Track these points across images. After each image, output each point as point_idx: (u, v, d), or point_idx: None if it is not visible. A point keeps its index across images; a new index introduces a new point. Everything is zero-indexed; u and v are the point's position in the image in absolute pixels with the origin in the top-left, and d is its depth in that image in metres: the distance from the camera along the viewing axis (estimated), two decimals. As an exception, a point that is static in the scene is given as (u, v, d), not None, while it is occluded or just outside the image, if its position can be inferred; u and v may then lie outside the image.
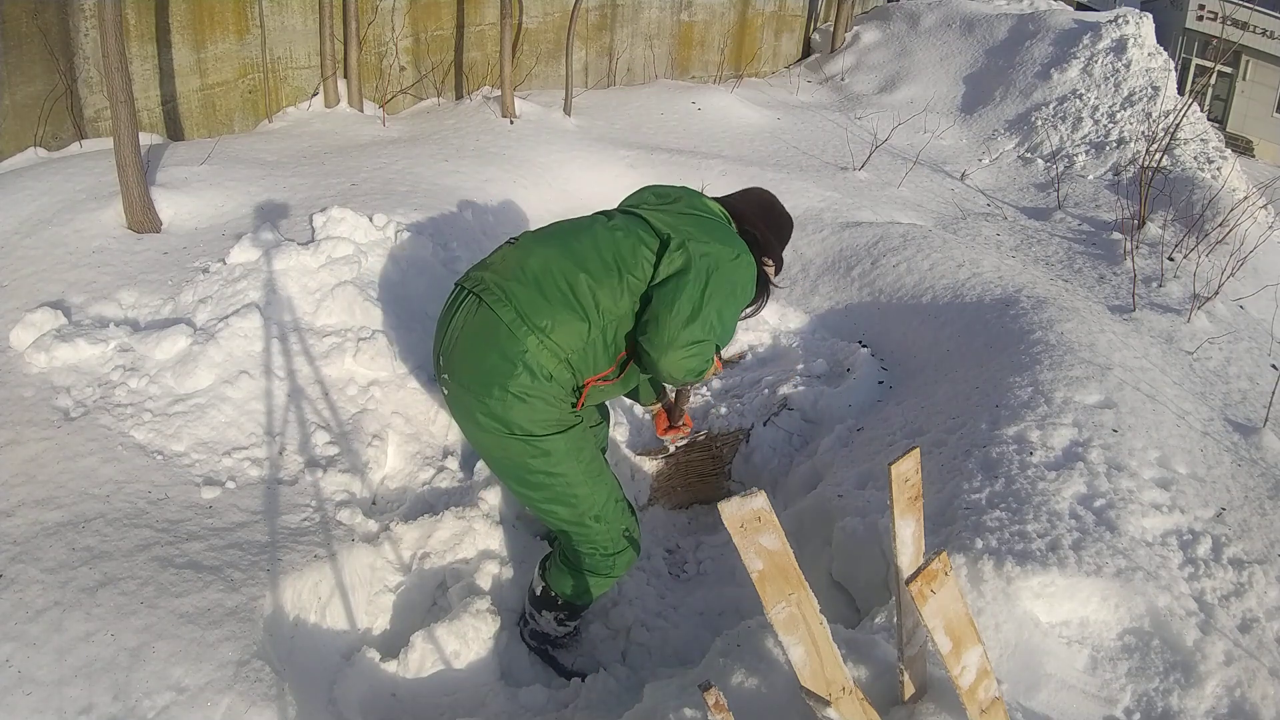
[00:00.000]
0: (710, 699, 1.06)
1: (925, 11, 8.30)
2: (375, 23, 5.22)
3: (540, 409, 1.83)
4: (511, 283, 1.84)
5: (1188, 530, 1.96)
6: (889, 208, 4.76)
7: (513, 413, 1.81)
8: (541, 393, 1.82)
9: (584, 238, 1.92)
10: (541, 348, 1.80)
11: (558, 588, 2.04)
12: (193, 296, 2.68)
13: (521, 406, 1.81)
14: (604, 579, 2.01)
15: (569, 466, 1.90)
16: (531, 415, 1.83)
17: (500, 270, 1.89)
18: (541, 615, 2.10)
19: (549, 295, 1.82)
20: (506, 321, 1.80)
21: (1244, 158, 11.51)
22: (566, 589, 2.02)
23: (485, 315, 1.83)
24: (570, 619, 2.11)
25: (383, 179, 3.77)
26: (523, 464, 1.88)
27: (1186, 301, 3.72)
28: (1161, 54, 6.78)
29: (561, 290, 1.82)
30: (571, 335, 1.82)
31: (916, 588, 1.19)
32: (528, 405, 1.82)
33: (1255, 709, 1.57)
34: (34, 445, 2.12)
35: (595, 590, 2.02)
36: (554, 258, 1.87)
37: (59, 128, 3.92)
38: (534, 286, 1.83)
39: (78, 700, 1.53)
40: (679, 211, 1.99)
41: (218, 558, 1.91)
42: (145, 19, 4.21)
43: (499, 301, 1.82)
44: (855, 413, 2.88)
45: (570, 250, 1.88)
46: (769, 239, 2.11)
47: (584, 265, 1.85)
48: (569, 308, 1.82)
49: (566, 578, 2.02)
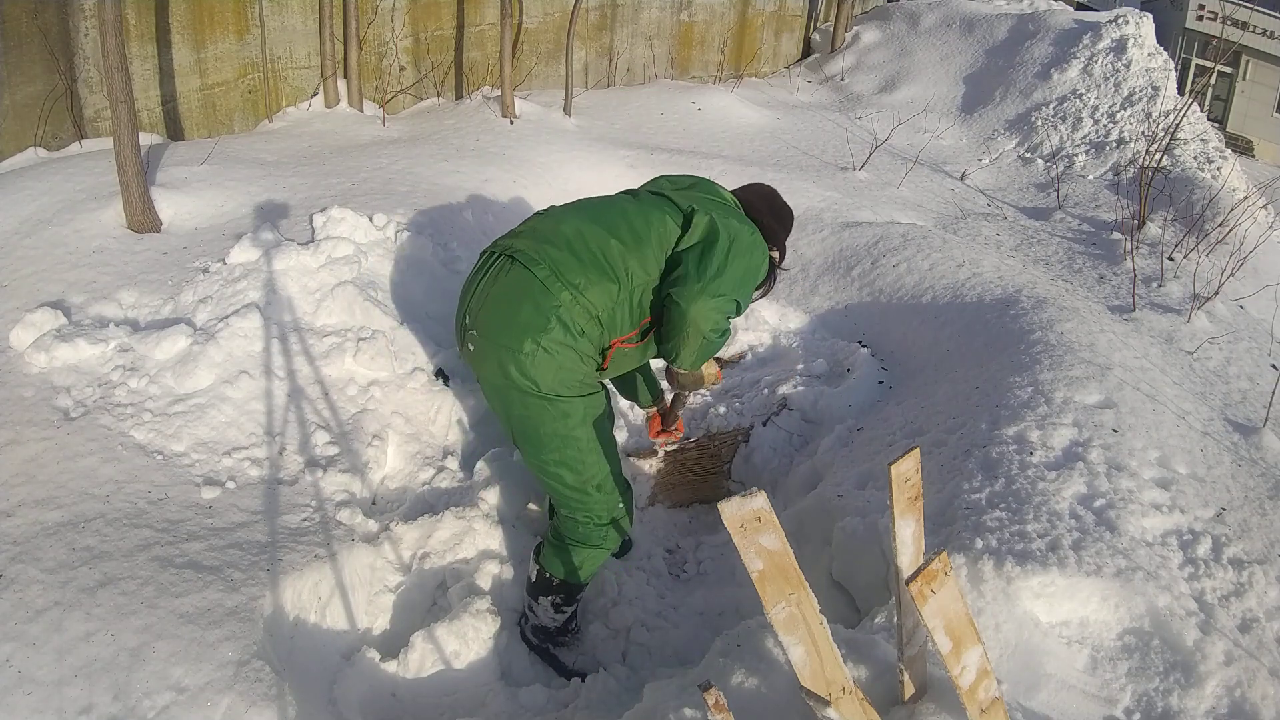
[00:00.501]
0: (710, 699, 1.06)
1: (925, 11, 8.30)
2: (375, 23, 5.22)
3: (569, 366, 1.92)
4: (545, 245, 1.95)
5: (1188, 530, 1.96)
6: (889, 208, 4.76)
7: (542, 369, 1.89)
8: (573, 347, 1.91)
9: (613, 210, 2.04)
10: (575, 303, 1.89)
11: (551, 568, 2.07)
12: (193, 296, 2.68)
13: (550, 362, 1.89)
14: (596, 551, 2.07)
15: (584, 432, 1.98)
16: (559, 373, 1.91)
17: (532, 236, 2.00)
18: (538, 603, 2.11)
19: (582, 257, 1.93)
20: (541, 278, 1.89)
21: (1244, 158, 11.52)
22: (560, 568, 2.06)
23: (519, 273, 1.93)
24: (566, 604, 2.11)
25: (383, 179, 3.77)
26: (541, 423, 1.96)
27: (1186, 301, 3.72)
28: (1161, 54, 6.78)
29: (594, 253, 1.93)
30: (603, 295, 1.92)
31: (916, 588, 1.19)
32: (556, 361, 1.90)
33: (1255, 709, 1.57)
34: (34, 445, 2.12)
35: (588, 565, 2.07)
36: (586, 224, 1.99)
37: (59, 128, 3.92)
38: (567, 249, 1.94)
39: (78, 700, 1.53)
40: (697, 194, 2.13)
41: (218, 558, 1.91)
42: (145, 19, 4.21)
43: (533, 261, 1.92)
44: (855, 413, 2.88)
45: (602, 218, 2.01)
46: (774, 228, 2.21)
47: (615, 232, 1.96)
48: (600, 270, 1.92)
49: (559, 555, 2.06)
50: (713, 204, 2.09)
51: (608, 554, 2.13)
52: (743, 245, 1.96)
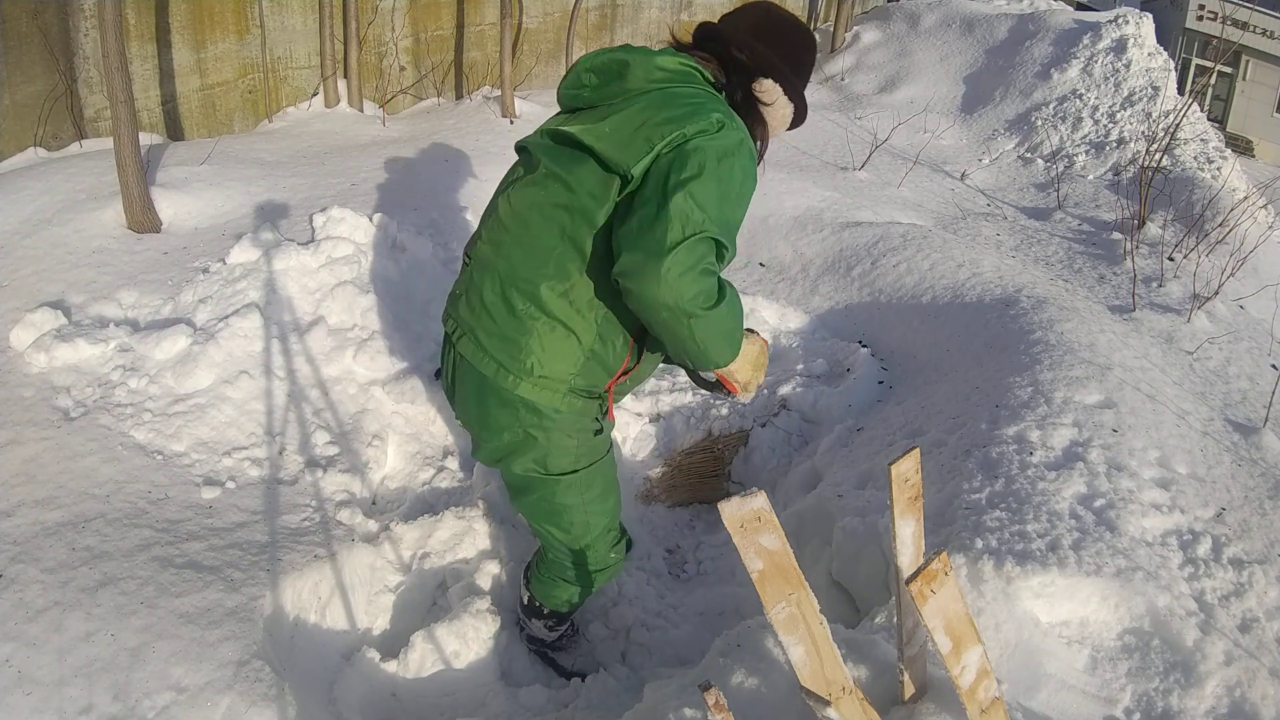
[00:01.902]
0: (710, 699, 1.06)
1: (925, 11, 8.30)
2: (375, 23, 5.22)
3: (559, 442, 1.63)
4: (479, 329, 1.58)
5: (1188, 530, 1.96)
6: (889, 208, 4.76)
7: (530, 452, 1.65)
8: (554, 426, 1.61)
9: (523, 233, 1.54)
10: (538, 389, 1.55)
11: (542, 597, 1.98)
12: (193, 296, 2.68)
13: (539, 445, 1.64)
14: (586, 589, 1.94)
15: (576, 499, 1.73)
16: (548, 452, 1.64)
17: (466, 307, 1.63)
18: (531, 623, 2.08)
19: (519, 329, 1.53)
20: (490, 376, 1.57)
21: (1244, 158, 11.51)
22: (550, 599, 1.97)
23: (470, 372, 1.62)
24: (559, 624, 2.09)
25: (383, 179, 3.77)
26: (531, 489, 1.74)
27: (1186, 301, 3.72)
28: (1161, 54, 6.77)
29: (530, 315, 1.52)
30: (563, 359, 1.53)
31: (916, 588, 1.19)
32: (545, 441, 1.63)
33: (1255, 709, 1.57)
34: (34, 445, 2.12)
35: (578, 599, 1.97)
36: (504, 279, 1.54)
37: (59, 128, 3.92)
38: (498, 325, 1.55)
39: (78, 700, 1.53)
40: (626, 97, 1.51)
41: (218, 558, 1.91)
42: (145, 19, 4.21)
43: (477, 354, 1.59)
44: (855, 413, 2.88)
45: (514, 261, 1.54)
46: (765, 56, 1.59)
47: (538, 273, 1.50)
48: (548, 330, 1.52)
49: (550, 588, 1.94)
50: (648, 105, 1.46)
51: (595, 589, 1.95)
52: (699, 151, 1.38)
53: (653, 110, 1.45)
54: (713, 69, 1.58)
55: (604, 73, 1.55)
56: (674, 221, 1.33)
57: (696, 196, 1.35)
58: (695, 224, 1.34)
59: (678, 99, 1.47)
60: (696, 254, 1.34)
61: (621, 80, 1.52)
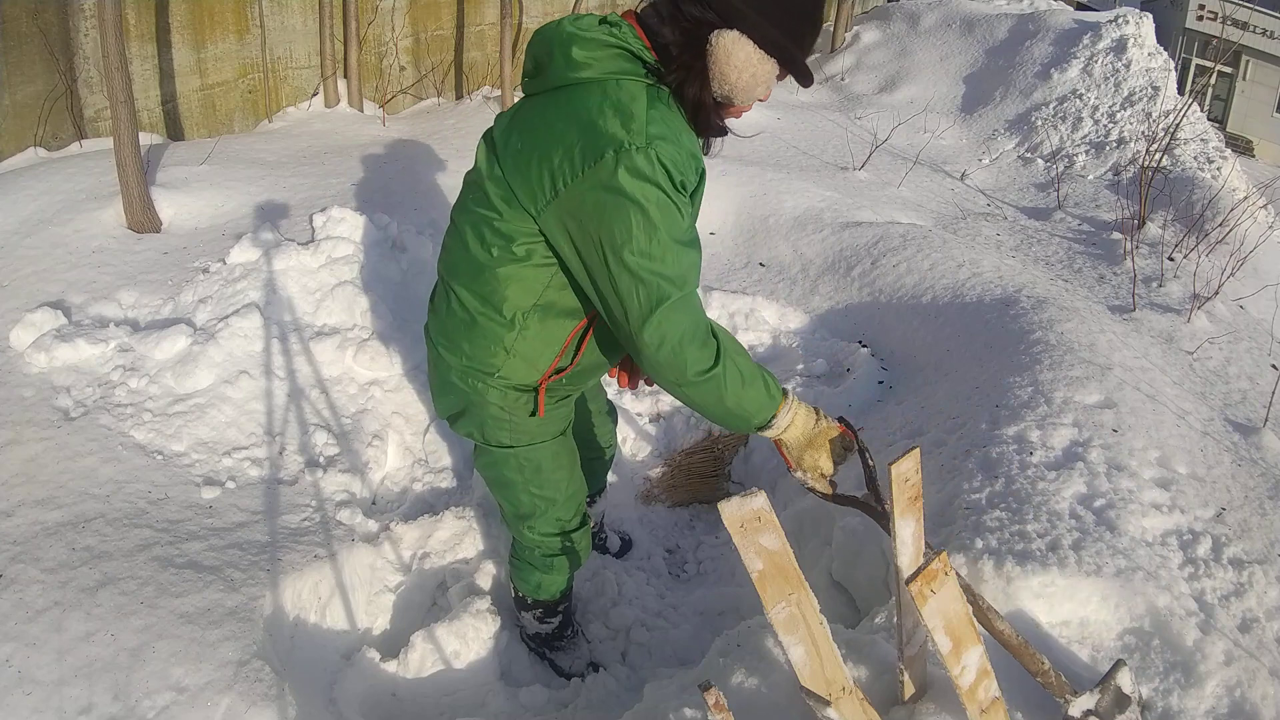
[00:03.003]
0: (710, 699, 1.06)
1: (925, 11, 8.30)
2: (375, 23, 5.22)
3: (494, 415, 1.61)
4: (432, 312, 1.67)
5: (1188, 530, 1.96)
6: (889, 208, 4.76)
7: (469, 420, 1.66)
8: (487, 404, 1.60)
9: (458, 237, 1.52)
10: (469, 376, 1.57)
11: (521, 587, 1.99)
12: (193, 296, 2.68)
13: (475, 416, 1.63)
14: (551, 575, 1.92)
15: (515, 475, 1.72)
16: (484, 424, 1.64)
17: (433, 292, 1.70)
18: (522, 616, 2.08)
19: (454, 322, 1.55)
20: (440, 355, 1.62)
21: (1244, 158, 11.51)
22: (524, 585, 1.97)
23: (429, 346, 1.68)
24: (549, 615, 2.06)
25: (383, 179, 3.77)
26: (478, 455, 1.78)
27: (1186, 301, 3.72)
28: (1161, 54, 6.77)
29: (462, 310, 1.52)
30: (489, 355, 1.52)
31: (916, 588, 1.19)
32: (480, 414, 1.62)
33: (1255, 709, 1.57)
34: (34, 445, 2.12)
35: (546, 586, 1.93)
36: (445, 276, 1.59)
37: (59, 128, 3.92)
38: (441, 316, 1.61)
39: (78, 700, 1.53)
40: (544, 95, 1.35)
41: (218, 558, 1.91)
42: (145, 19, 4.21)
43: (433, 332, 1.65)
44: (855, 413, 2.88)
45: (452, 261, 1.55)
46: (733, 5, 1.27)
47: (466, 276, 1.49)
48: (472, 326, 1.50)
49: (521, 572, 1.95)
50: (550, 111, 1.31)
51: (564, 577, 1.94)
52: (612, 204, 1.22)
53: (561, 127, 1.27)
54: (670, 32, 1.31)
55: (535, 58, 1.37)
56: (629, 300, 1.26)
57: (638, 264, 1.24)
58: (653, 295, 1.25)
59: (588, 106, 1.26)
60: (670, 325, 1.27)
61: (541, 70, 1.35)
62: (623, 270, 1.25)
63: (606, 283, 1.28)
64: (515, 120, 1.39)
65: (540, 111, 1.33)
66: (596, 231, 1.26)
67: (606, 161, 1.22)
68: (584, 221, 1.27)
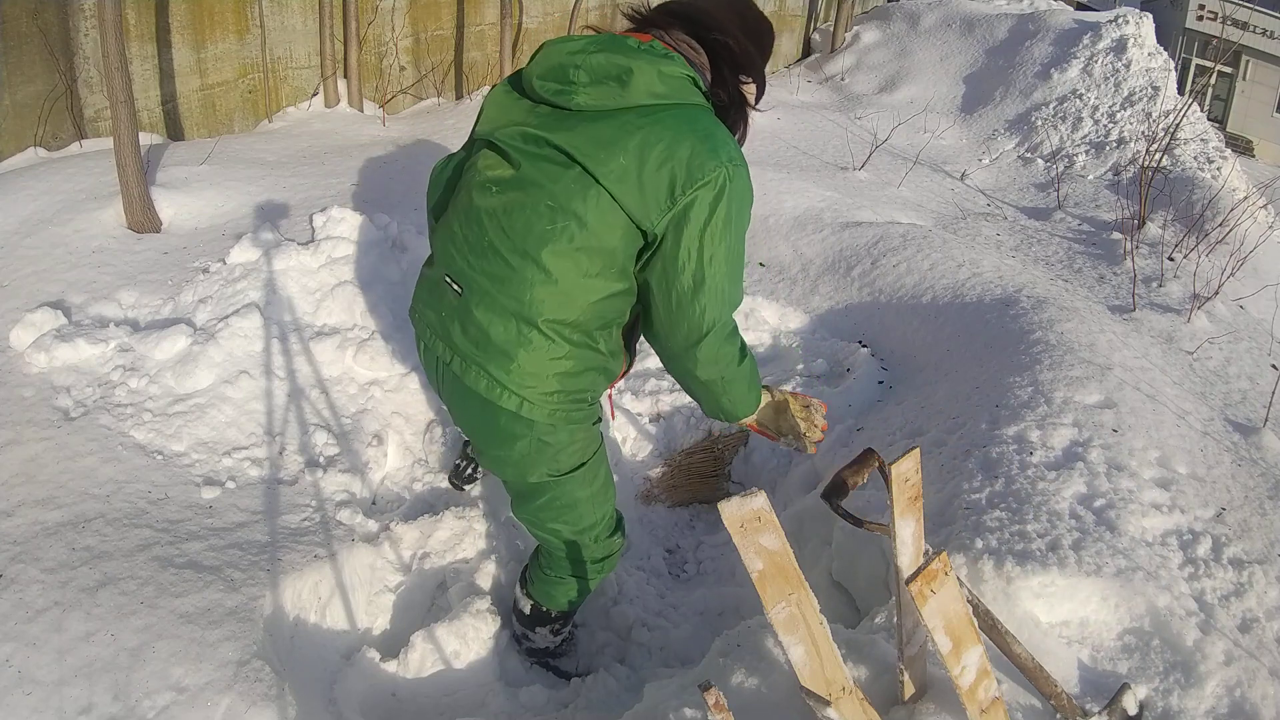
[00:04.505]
0: (710, 699, 1.06)
1: (925, 11, 8.30)
2: (375, 23, 5.22)
3: (566, 440, 1.62)
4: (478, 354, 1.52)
5: (1188, 530, 1.96)
6: (889, 208, 4.76)
7: (544, 459, 1.62)
8: (558, 430, 1.59)
9: (533, 271, 1.43)
10: (537, 407, 1.53)
11: (545, 600, 1.94)
12: (193, 296, 2.68)
13: (550, 448, 1.61)
14: (590, 581, 1.92)
15: (586, 490, 1.73)
16: (559, 453, 1.63)
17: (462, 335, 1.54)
18: (536, 633, 2.03)
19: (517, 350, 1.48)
20: (493, 398, 1.53)
21: (1244, 158, 11.51)
22: (554, 600, 1.94)
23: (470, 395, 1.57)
24: (564, 627, 2.06)
25: (383, 179, 3.77)
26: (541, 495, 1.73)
27: (1186, 301, 3.72)
28: (1161, 54, 6.78)
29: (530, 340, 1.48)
30: (565, 378, 1.52)
31: (916, 588, 1.19)
32: (554, 444, 1.61)
33: (1255, 709, 1.57)
34: (34, 445, 2.12)
35: (584, 594, 1.94)
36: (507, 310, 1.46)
37: (59, 128, 3.92)
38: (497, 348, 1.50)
39: (78, 700, 1.53)
40: (631, 114, 1.39)
41: (218, 558, 1.91)
42: (145, 19, 4.21)
43: (478, 377, 1.53)
44: (855, 413, 2.88)
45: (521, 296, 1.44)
46: (750, 54, 1.58)
47: (548, 307, 1.44)
48: (548, 351, 1.48)
49: (553, 587, 1.91)
50: (654, 127, 1.37)
51: (590, 591, 1.94)
52: (722, 209, 1.36)
53: (671, 145, 1.36)
54: (700, 64, 1.51)
55: (599, 74, 1.40)
56: (711, 304, 1.41)
57: (729, 271, 1.42)
58: (728, 302, 1.45)
59: (693, 129, 1.38)
60: (729, 328, 1.49)
61: (622, 88, 1.39)
62: (716, 274, 1.40)
63: (688, 282, 1.40)
64: (587, 132, 1.40)
65: (637, 130, 1.38)
66: (702, 225, 1.37)
67: (727, 165, 1.38)
68: (692, 214, 1.37)
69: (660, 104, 1.39)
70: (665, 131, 1.37)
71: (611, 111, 1.40)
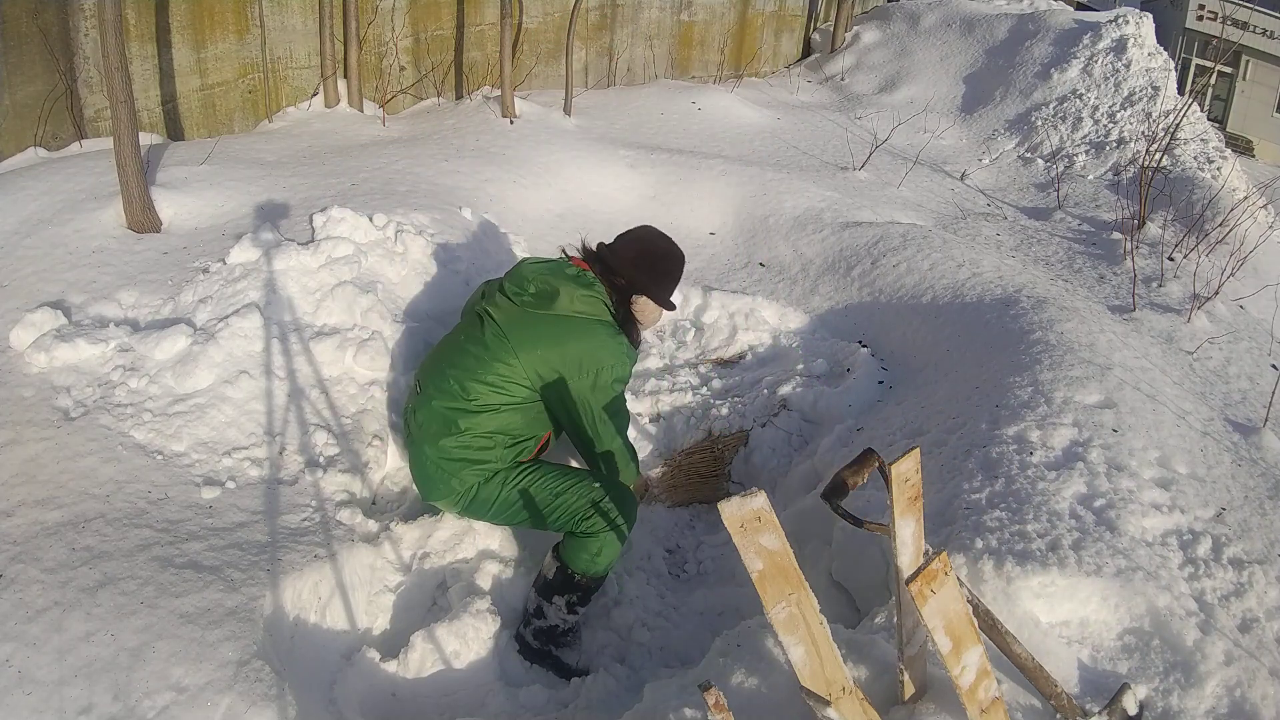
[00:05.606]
0: (710, 699, 1.06)
1: (925, 11, 8.30)
2: (375, 23, 5.22)
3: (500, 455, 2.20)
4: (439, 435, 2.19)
5: (1188, 530, 1.96)
6: (889, 208, 4.76)
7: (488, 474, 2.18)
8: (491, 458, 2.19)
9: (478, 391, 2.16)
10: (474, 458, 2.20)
11: (577, 564, 2.09)
12: (193, 296, 2.68)
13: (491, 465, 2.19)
14: (611, 535, 2.13)
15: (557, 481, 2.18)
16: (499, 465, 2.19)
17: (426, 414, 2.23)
18: (552, 603, 2.10)
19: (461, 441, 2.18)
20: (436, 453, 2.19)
21: (1244, 158, 11.50)
22: (586, 561, 2.09)
23: (420, 454, 2.24)
24: (581, 603, 2.13)
25: (383, 179, 3.77)
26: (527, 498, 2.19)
27: (1186, 301, 3.72)
28: (1161, 54, 6.77)
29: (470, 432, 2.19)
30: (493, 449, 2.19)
31: (916, 588, 1.19)
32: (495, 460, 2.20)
33: (1255, 709, 1.57)
34: (34, 445, 2.12)
35: (606, 552, 2.11)
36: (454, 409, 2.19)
37: (59, 128, 3.92)
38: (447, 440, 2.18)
39: (78, 700, 1.53)
40: (554, 320, 2.15)
41: (218, 558, 1.91)
42: (145, 19, 4.21)
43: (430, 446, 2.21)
44: (855, 413, 2.88)
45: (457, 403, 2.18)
46: (641, 281, 2.24)
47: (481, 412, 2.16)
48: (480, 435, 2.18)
49: (583, 549, 2.09)
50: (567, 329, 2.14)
51: (620, 546, 2.15)
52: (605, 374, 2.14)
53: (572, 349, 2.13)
54: (606, 289, 2.21)
55: (539, 289, 2.17)
56: (602, 432, 2.21)
57: (613, 412, 2.24)
58: (620, 425, 2.27)
59: (586, 336, 2.14)
60: (622, 437, 2.30)
61: (552, 301, 2.15)
62: (605, 420, 2.23)
63: (587, 419, 2.20)
64: (525, 325, 2.16)
65: (551, 328, 2.15)
66: (592, 387, 2.17)
67: (611, 354, 2.18)
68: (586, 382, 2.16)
69: (576, 316, 2.15)
70: (573, 332, 2.15)
71: (541, 315, 2.15)
